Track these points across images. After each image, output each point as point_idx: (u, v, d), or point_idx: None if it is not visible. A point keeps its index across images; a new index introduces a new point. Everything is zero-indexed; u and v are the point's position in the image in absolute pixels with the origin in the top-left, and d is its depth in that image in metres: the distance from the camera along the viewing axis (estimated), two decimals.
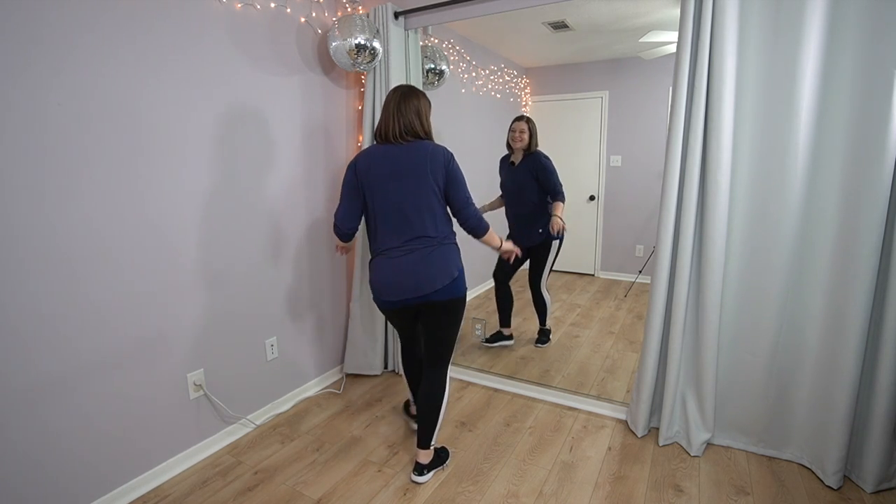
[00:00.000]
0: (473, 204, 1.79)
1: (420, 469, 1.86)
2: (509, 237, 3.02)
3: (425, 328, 1.85)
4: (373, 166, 1.74)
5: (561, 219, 2.77)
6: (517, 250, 1.98)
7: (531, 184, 2.86)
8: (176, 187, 1.80)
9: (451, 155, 1.77)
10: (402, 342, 2.06)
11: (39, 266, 1.46)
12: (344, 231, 1.82)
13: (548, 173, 2.83)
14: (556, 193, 2.83)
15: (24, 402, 1.46)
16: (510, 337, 3.15)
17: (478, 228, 1.81)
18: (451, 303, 1.77)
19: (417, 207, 1.71)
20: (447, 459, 1.96)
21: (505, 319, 3.14)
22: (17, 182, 1.39)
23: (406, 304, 1.78)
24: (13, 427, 1.45)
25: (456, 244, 1.81)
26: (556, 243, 2.93)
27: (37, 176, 1.43)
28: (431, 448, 1.89)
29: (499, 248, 1.93)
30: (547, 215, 2.86)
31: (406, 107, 1.75)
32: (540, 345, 3.12)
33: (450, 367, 1.89)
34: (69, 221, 1.52)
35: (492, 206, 3.12)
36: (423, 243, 1.72)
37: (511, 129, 2.89)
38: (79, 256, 1.55)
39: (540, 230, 2.88)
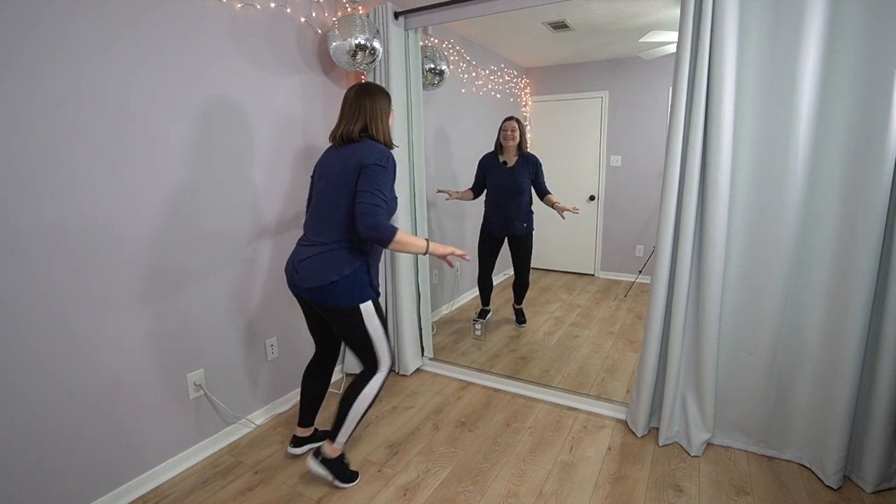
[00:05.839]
0: (377, 211, 1.52)
1: (318, 455, 1.76)
2: (488, 228, 3.25)
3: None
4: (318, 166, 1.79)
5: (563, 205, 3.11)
6: (454, 252, 1.67)
7: (528, 184, 3.13)
8: (175, 187, 1.80)
9: (383, 159, 1.57)
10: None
11: (38, 263, 1.46)
12: None
13: (542, 175, 3.16)
14: (546, 191, 3.16)
15: (23, 402, 1.46)
16: (489, 311, 3.54)
17: (380, 234, 1.51)
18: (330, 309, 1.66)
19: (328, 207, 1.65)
20: (347, 480, 1.80)
21: (486, 300, 3.49)
22: (8, 178, 1.39)
23: (298, 295, 1.77)
24: (12, 428, 1.45)
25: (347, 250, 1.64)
26: (534, 234, 3.25)
27: (32, 173, 1.44)
28: (338, 446, 1.75)
29: (425, 252, 1.63)
30: (530, 211, 3.19)
31: (358, 105, 1.69)
32: (520, 325, 3.43)
33: (382, 374, 1.74)
34: (68, 219, 1.52)
35: (462, 196, 3.24)
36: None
37: (503, 129, 3.11)
38: (75, 254, 1.55)
39: (525, 224, 3.17)
